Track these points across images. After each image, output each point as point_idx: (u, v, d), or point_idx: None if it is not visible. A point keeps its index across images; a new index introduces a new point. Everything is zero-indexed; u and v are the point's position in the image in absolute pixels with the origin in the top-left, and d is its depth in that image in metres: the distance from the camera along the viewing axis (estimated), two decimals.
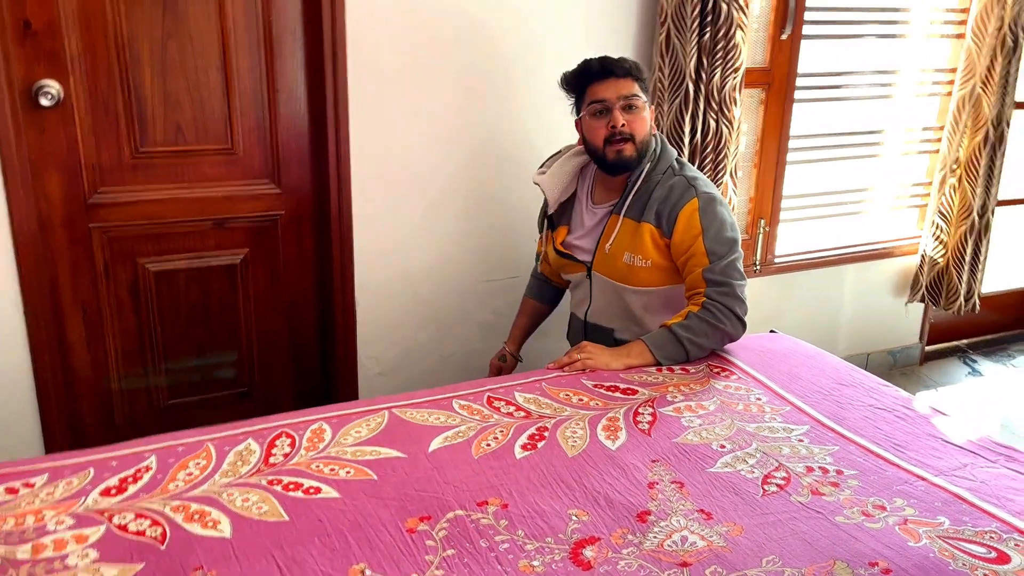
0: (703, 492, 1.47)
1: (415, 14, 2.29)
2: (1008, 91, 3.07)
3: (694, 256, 1.99)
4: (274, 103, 2.29)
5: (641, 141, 2.06)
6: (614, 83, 2.04)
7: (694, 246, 1.99)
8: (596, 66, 2.06)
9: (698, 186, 2.03)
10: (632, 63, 2.06)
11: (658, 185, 2.06)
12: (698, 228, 1.99)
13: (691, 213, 2.00)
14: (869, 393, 1.86)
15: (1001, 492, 1.48)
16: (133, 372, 2.36)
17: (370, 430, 1.63)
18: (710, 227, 1.99)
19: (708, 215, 2.00)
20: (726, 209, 2.05)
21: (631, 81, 2.05)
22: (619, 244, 2.09)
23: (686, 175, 2.06)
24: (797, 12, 2.82)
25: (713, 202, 2.02)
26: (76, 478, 1.43)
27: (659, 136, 2.15)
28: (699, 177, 2.09)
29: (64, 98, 2.07)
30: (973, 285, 3.32)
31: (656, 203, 2.04)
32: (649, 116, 2.09)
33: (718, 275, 1.97)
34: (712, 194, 2.04)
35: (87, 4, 2.04)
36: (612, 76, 2.04)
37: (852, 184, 3.25)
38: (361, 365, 2.53)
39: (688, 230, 2.00)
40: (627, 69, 2.05)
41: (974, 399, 3.26)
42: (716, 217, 2.00)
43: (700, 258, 1.99)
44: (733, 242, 2.01)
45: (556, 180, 2.18)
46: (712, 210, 2.01)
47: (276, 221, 2.40)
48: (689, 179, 2.05)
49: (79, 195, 2.16)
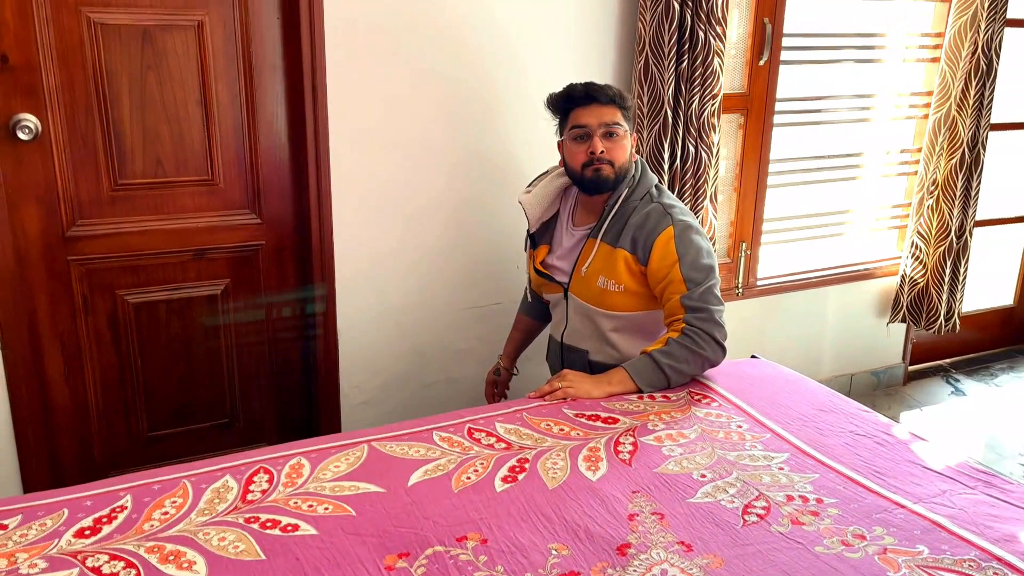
0: (683, 523, 1.47)
1: (396, 44, 2.30)
2: (983, 113, 3.11)
3: (672, 283, 2.00)
4: (254, 135, 2.29)
5: (620, 166, 2.08)
6: (597, 109, 2.06)
7: (671, 273, 2.00)
8: (581, 91, 2.08)
9: (674, 214, 2.04)
10: (616, 91, 2.08)
11: (635, 211, 2.07)
12: (674, 256, 2.00)
13: (667, 241, 2.01)
14: (849, 419, 1.87)
15: (980, 519, 1.48)
16: (113, 405, 2.34)
17: (349, 464, 1.62)
18: (686, 254, 2.00)
19: (684, 242, 2.01)
20: (702, 236, 2.06)
21: (614, 109, 2.06)
22: (594, 267, 2.10)
23: (663, 202, 2.08)
24: (774, 38, 2.86)
25: (689, 230, 2.03)
26: (50, 519, 1.41)
27: (640, 161, 2.16)
28: (676, 204, 2.10)
29: (42, 132, 2.07)
30: (953, 305, 3.34)
31: (632, 229, 2.05)
32: (630, 143, 2.10)
33: (696, 301, 1.98)
34: (688, 222, 2.05)
35: (65, 39, 2.04)
36: (596, 103, 2.06)
37: (833, 206, 3.28)
38: (344, 394, 2.52)
39: (664, 258, 2.01)
40: (611, 97, 2.06)
41: (958, 419, 3.28)
42: (692, 244, 2.01)
43: (678, 285, 1.99)
44: (710, 268, 2.02)
45: (538, 200, 2.20)
46: (688, 237, 2.02)
47: (257, 251, 2.39)
48: (666, 206, 2.06)
49: (57, 228, 2.15)
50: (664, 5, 2.46)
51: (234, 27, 2.19)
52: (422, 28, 2.32)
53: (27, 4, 1.98)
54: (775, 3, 2.83)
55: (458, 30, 2.37)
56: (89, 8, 2.04)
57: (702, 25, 2.52)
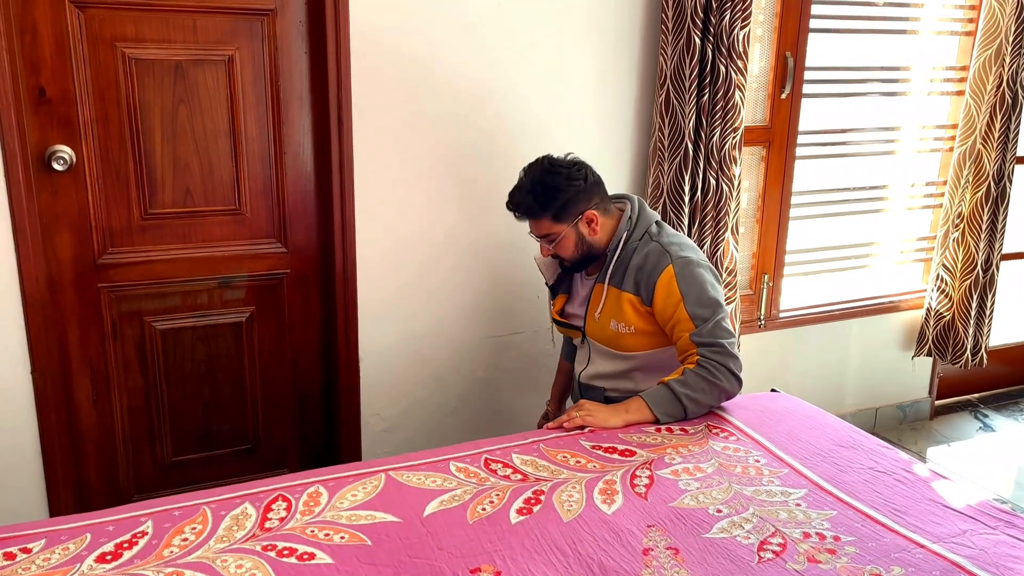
0: (698, 559, 1.46)
1: (420, 80, 2.35)
2: (1008, 147, 3.09)
3: (680, 323, 2.00)
4: (281, 166, 2.34)
5: (571, 259, 2.11)
6: (528, 221, 2.09)
7: (676, 313, 2.00)
8: (508, 206, 2.08)
9: (673, 252, 2.03)
10: (531, 202, 2.02)
11: (635, 252, 2.07)
12: (677, 295, 2.00)
13: (668, 280, 2.00)
14: (869, 455, 1.85)
15: (1000, 560, 1.46)
16: (138, 430, 2.38)
17: (366, 493, 1.63)
18: (689, 292, 2.00)
19: (685, 279, 2.00)
20: (705, 269, 2.05)
21: (537, 221, 2.06)
22: (607, 312, 2.11)
23: (661, 241, 2.06)
24: (796, 72, 2.87)
25: (689, 265, 2.02)
26: (73, 543, 1.44)
27: (636, 201, 2.14)
28: (675, 241, 2.08)
29: (76, 163, 2.14)
30: (980, 339, 3.30)
31: (634, 271, 2.06)
32: (577, 233, 2.06)
33: (706, 337, 1.98)
34: (688, 257, 2.03)
35: (101, 73, 2.11)
36: (519, 217, 2.08)
37: (857, 239, 3.26)
38: (365, 422, 2.54)
39: (668, 297, 2.01)
40: (526, 212, 2.05)
41: (986, 455, 3.22)
42: (695, 280, 2.01)
43: (686, 324, 1.99)
44: (716, 303, 2.01)
45: (552, 261, 2.20)
46: (689, 273, 2.01)
47: (282, 280, 2.44)
48: (664, 245, 2.05)
49: (89, 256, 2.21)
50: (685, 40, 2.49)
51: (263, 61, 2.25)
52: (445, 66, 2.37)
53: (65, 40, 2.05)
54: (797, 37, 2.84)
55: (480, 66, 2.41)
56: (124, 44, 2.11)
57: (723, 59, 2.54)
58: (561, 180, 2.03)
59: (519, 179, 2.08)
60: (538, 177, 2.04)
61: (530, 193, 2.03)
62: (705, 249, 2.68)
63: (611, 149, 2.65)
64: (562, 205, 2.03)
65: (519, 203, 2.05)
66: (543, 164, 2.07)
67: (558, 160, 2.08)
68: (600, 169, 2.62)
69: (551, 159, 2.08)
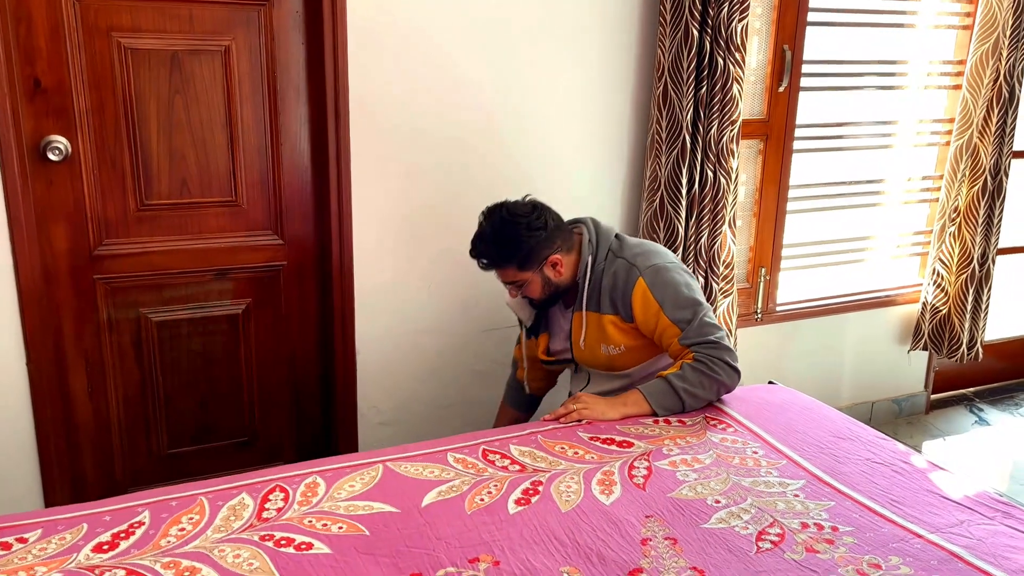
0: (696, 549, 1.46)
1: (418, 71, 2.34)
2: (1005, 141, 3.10)
3: (665, 330, 2.01)
4: (278, 157, 2.33)
5: (540, 299, 2.11)
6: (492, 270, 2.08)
7: (659, 322, 2.00)
8: (472, 254, 2.07)
9: (639, 263, 2.04)
10: (495, 254, 2.03)
11: (604, 273, 2.07)
12: (655, 304, 2.00)
13: (642, 293, 2.01)
14: (867, 446, 1.85)
15: (998, 550, 1.46)
16: (134, 422, 2.37)
17: (364, 484, 1.63)
18: (665, 298, 2.00)
19: (658, 287, 2.00)
20: (676, 270, 2.05)
21: (503, 269, 2.06)
22: (591, 337, 2.11)
23: (625, 256, 2.06)
24: (794, 65, 2.87)
25: (659, 272, 2.02)
26: (69, 533, 1.43)
27: (590, 223, 2.13)
28: (639, 252, 2.07)
29: (72, 153, 2.12)
30: (975, 333, 3.31)
31: (608, 292, 2.06)
32: (543, 276, 2.06)
33: (695, 337, 1.98)
34: (656, 264, 2.03)
35: (96, 63, 2.09)
36: (483, 266, 2.07)
37: (853, 232, 3.26)
38: (362, 415, 2.54)
39: (646, 309, 2.01)
40: (490, 263, 2.04)
41: (982, 449, 3.23)
42: (668, 286, 2.01)
43: (671, 330, 2.00)
44: (694, 302, 2.01)
45: (522, 304, 2.20)
46: (661, 281, 2.01)
47: (279, 272, 2.43)
48: (629, 259, 2.05)
49: (84, 247, 2.20)
50: (683, 32, 2.48)
51: (259, 52, 2.24)
52: (445, 57, 2.36)
53: (60, 30, 2.04)
54: (795, 31, 2.84)
55: (479, 58, 2.40)
56: (120, 33, 2.10)
57: (721, 52, 2.54)
58: (522, 231, 2.02)
59: (479, 225, 2.06)
60: (499, 228, 2.03)
61: (492, 244, 2.02)
62: (703, 242, 2.68)
63: (609, 141, 2.64)
64: (526, 255, 2.02)
65: (482, 253, 2.05)
66: (502, 214, 2.04)
67: (516, 207, 2.06)
68: (598, 161, 2.65)
69: (509, 207, 2.05)
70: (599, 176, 2.66)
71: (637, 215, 2.73)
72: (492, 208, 2.07)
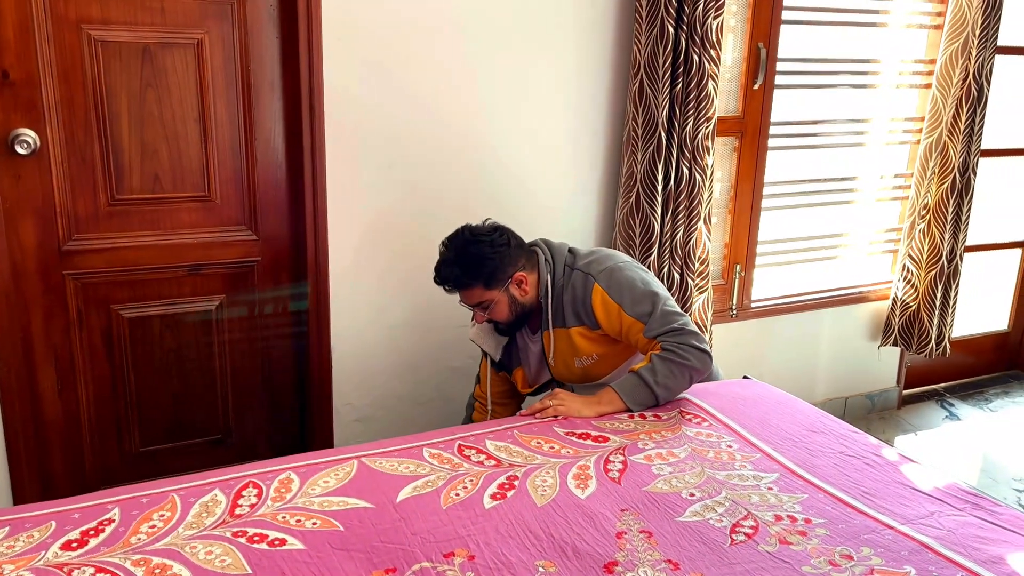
0: (671, 542, 1.47)
1: (394, 66, 2.32)
2: (974, 139, 3.14)
3: (630, 328, 2.02)
4: (252, 152, 2.31)
5: (507, 321, 2.11)
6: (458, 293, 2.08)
7: (623, 321, 2.02)
8: (436, 279, 2.06)
9: (592, 270, 2.06)
10: (460, 274, 2.02)
11: (564, 289, 2.09)
12: (615, 306, 2.02)
13: (601, 298, 2.03)
14: (839, 440, 1.87)
15: (968, 541, 1.48)
16: (105, 420, 2.34)
17: (338, 480, 1.62)
18: (623, 297, 2.02)
19: (614, 288, 2.03)
20: (629, 268, 2.07)
21: (468, 291, 2.05)
22: (562, 353, 2.12)
23: (579, 266, 2.09)
24: (768, 63, 2.89)
25: (612, 274, 2.04)
26: (37, 531, 1.41)
27: (542, 243, 2.15)
28: (591, 259, 2.10)
29: (41, 147, 2.09)
30: (944, 329, 3.35)
31: (569, 306, 2.08)
32: (509, 296, 2.06)
33: (658, 328, 1.99)
34: (608, 267, 2.06)
35: (66, 55, 2.06)
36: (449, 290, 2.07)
37: (827, 229, 3.29)
38: (337, 412, 2.52)
39: (608, 313, 2.03)
40: (455, 285, 2.04)
41: (952, 443, 3.27)
42: (622, 285, 2.03)
43: (635, 326, 2.01)
44: (651, 294, 2.03)
45: (486, 331, 2.20)
46: (615, 282, 2.03)
47: (252, 268, 2.41)
48: (583, 268, 2.08)
49: (54, 242, 2.17)
50: (659, 29, 2.49)
51: (233, 45, 2.22)
52: (420, 52, 2.35)
53: (28, 21, 2.01)
54: (769, 29, 2.86)
55: (455, 53, 2.40)
56: (90, 25, 2.07)
57: (696, 49, 2.55)
58: (486, 248, 2.03)
59: (441, 253, 2.06)
60: (462, 248, 2.03)
61: (456, 265, 2.02)
62: (678, 239, 2.70)
63: (585, 138, 2.65)
64: (491, 272, 2.03)
65: (447, 277, 2.04)
66: (464, 235, 2.05)
67: (478, 229, 2.07)
68: (574, 158, 2.65)
69: (471, 229, 2.07)
70: (575, 172, 2.67)
71: (613, 211, 2.73)
72: (453, 234, 2.08)
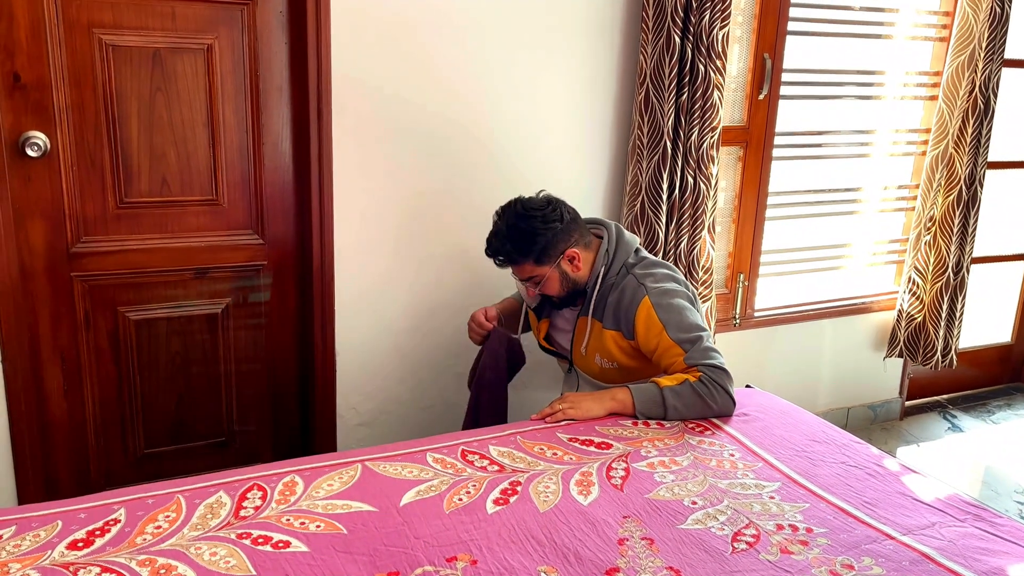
0: (673, 549, 1.48)
1: (402, 74, 2.34)
2: (980, 151, 3.15)
3: (668, 350, 2.01)
4: (259, 157, 2.33)
5: (558, 296, 2.11)
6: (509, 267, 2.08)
7: (661, 342, 2.01)
8: (488, 252, 2.07)
9: (648, 283, 2.04)
10: (512, 250, 2.02)
11: (613, 287, 2.08)
12: (659, 324, 2.01)
13: (647, 312, 2.02)
14: (841, 450, 1.88)
15: (969, 552, 1.48)
16: (110, 421, 2.35)
17: (342, 483, 1.63)
18: (669, 320, 2.00)
19: (663, 308, 2.01)
20: (683, 297, 2.06)
21: (520, 265, 2.06)
22: (592, 346, 2.13)
23: (636, 274, 2.07)
24: (774, 73, 2.90)
25: (665, 295, 2.03)
26: (43, 530, 1.42)
27: (613, 229, 2.14)
28: (651, 273, 2.08)
29: (51, 149, 2.11)
30: (950, 341, 3.35)
31: (612, 307, 2.07)
32: (561, 271, 2.07)
33: (699, 358, 1.98)
34: (663, 287, 2.04)
35: (77, 59, 2.08)
36: (500, 263, 2.07)
37: (831, 240, 3.30)
38: (340, 416, 2.53)
39: (649, 328, 2.02)
40: (506, 259, 2.04)
41: (955, 455, 3.27)
42: (672, 309, 2.01)
43: (675, 350, 2.00)
44: (698, 327, 2.02)
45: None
46: (666, 303, 2.02)
47: (258, 271, 2.42)
48: (639, 278, 2.06)
49: (62, 244, 2.18)
50: (665, 39, 2.51)
51: (242, 50, 2.24)
52: (429, 60, 2.36)
53: (40, 25, 2.03)
54: (775, 39, 2.87)
55: (463, 62, 2.41)
56: (101, 30, 2.08)
57: (702, 59, 2.56)
58: (537, 223, 2.02)
59: (494, 223, 2.06)
60: (513, 222, 2.03)
61: (508, 239, 2.02)
62: (682, 247, 2.70)
63: (591, 145, 2.66)
64: (542, 248, 2.03)
65: (498, 250, 2.05)
66: (516, 208, 2.05)
67: (531, 202, 2.07)
68: (580, 166, 2.66)
69: (523, 202, 2.06)
70: (581, 179, 2.68)
71: (618, 219, 2.74)
72: (506, 205, 2.08)
